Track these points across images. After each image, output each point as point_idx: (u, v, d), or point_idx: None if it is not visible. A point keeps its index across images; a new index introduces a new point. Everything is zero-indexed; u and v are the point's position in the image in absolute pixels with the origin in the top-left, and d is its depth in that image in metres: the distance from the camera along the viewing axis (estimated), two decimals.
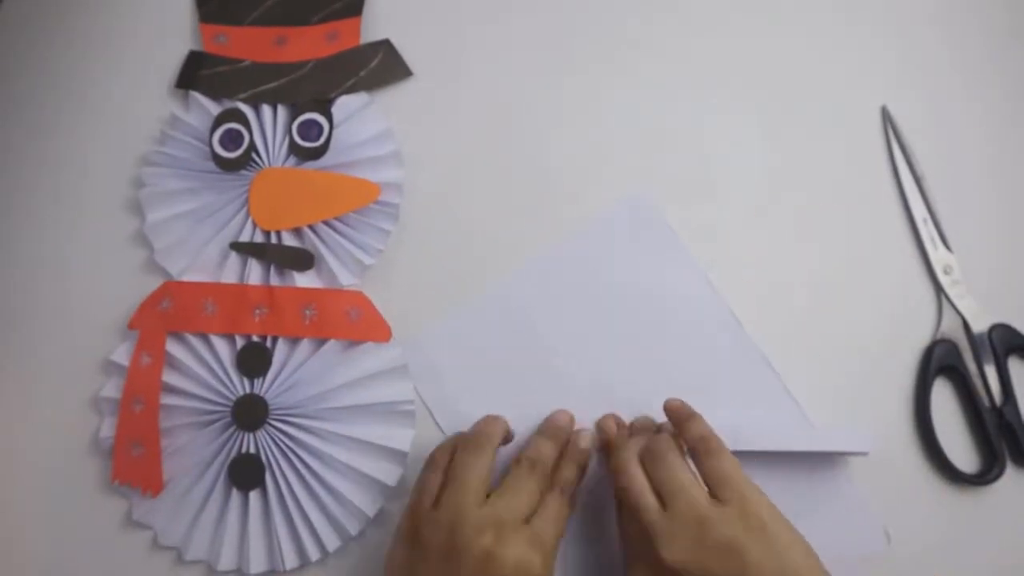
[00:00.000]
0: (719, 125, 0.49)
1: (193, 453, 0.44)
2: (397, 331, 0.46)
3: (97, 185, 0.49)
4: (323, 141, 0.48)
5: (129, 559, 0.44)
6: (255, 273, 0.46)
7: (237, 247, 0.47)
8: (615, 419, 0.44)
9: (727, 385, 0.45)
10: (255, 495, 0.44)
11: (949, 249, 0.47)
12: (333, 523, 0.43)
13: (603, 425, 0.44)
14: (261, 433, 0.44)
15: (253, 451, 0.44)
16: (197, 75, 0.50)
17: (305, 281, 0.46)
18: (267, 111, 0.49)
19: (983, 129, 0.49)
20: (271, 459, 0.44)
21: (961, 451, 0.45)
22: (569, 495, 0.41)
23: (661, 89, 0.50)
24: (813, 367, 0.44)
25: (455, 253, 0.48)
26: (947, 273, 0.46)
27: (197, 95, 0.49)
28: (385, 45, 0.51)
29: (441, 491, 0.38)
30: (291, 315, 0.45)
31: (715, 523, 0.36)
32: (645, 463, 0.39)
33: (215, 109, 0.49)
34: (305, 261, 0.47)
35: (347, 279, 0.46)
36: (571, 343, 0.46)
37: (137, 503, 0.44)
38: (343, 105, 0.49)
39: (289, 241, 0.47)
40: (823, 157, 0.49)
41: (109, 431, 0.45)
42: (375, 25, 0.51)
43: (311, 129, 0.48)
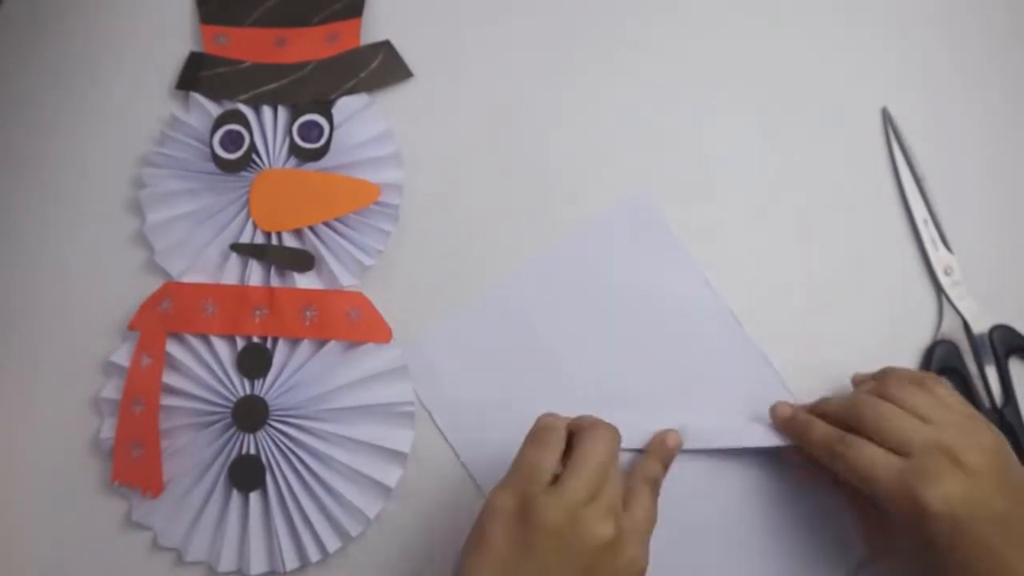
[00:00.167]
0: (719, 126, 0.49)
1: (193, 454, 0.44)
2: (397, 332, 0.46)
3: (97, 185, 0.49)
4: (323, 142, 0.48)
5: (129, 560, 0.44)
6: (255, 274, 0.46)
7: (237, 248, 0.47)
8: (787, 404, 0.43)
9: (727, 385, 0.45)
10: (255, 496, 0.44)
11: (950, 250, 0.47)
12: (333, 524, 0.43)
13: (778, 411, 0.43)
14: (261, 434, 0.44)
15: (253, 452, 0.44)
16: (197, 76, 0.50)
17: (305, 282, 0.46)
18: (267, 112, 0.49)
19: (983, 130, 0.49)
20: (271, 460, 0.44)
21: None
22: (657, 495, 0.41)
23: (661, 90, 0.50)
24: (813, 368, 0.44)
25: (455, 253, 0.48)
26: (948, 274, 0.46)
27: (197, 96, 0.49)
28: (385, 46, 0.51)
29: (564, 475, 0.38)
30: (291, 316, 0.45)
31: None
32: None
33: (215, 110, 0.49)
34: (305, 262, 0.47)
35: (347, 280, 0.46)
36: (571, 344, 0.46)
37: (137, 504, 0.44)
38: (343, 106, 0.49)
39: (289, 242, 0.47)
40: (823, 158, 0.49)
41: (109, 432, 0.45)
42: (375, 26, 0.51)
43: (311, 130, 0.48)
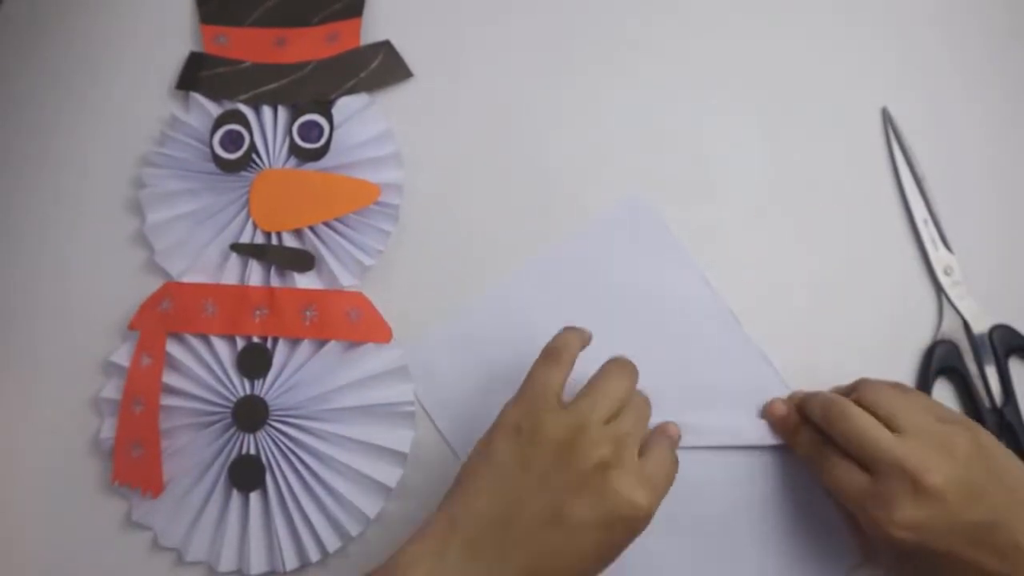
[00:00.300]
0: (719, 126, 0.49)
1: (193, 454, 0.44)
2: (397, 332, 0.46)
3: (97, 185, 0.49)
4: (323, 142, 0.48)
5: (129, 560, 0.44)
6: (255, 274, 0.46)
7: (237, 248, 0.47)
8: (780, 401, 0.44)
9: (727, 385, 0.45)
10: (255, 496, 0.44)
11: (950, 250, 0.47)
12: (333, 524, 0.43)
13: (772, 408, 0.43)
14: (261, 434, 0.44)
15: (253, 452, 0.44)
16: (197, 76, 0.50)
17: (305, 282, 0.46)
18: (267, 112, 0.49)
19: (983, 130, 0.49)
20: (271, 460, 0.44)
21: None
22: (676, 456, 0.40)
23: (661, 90, 0.50)
24: (813, 368, 0.44)
25: (455, 254, 0.48)
26: (948, 274, 0.46)
27: (197, 96, 0.49)
28: (385, 46, 0.51)
29: (576, 397, 0.39)
30: (291, 316, 0.45)
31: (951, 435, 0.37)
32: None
33: (215, 110, 0.49)
34: (305, 262, 0.47)
35: (347, 280, 0.46)
36: None
37: (137, 504, 0.44)
38: (343, 106, 0.49)
39: (289, 242, 0.47)
40: (823, 158, 0.49)
41: (109, 432, 0.45)
42: (375, 26, 0.51)
43: (311, 130, 0.48)
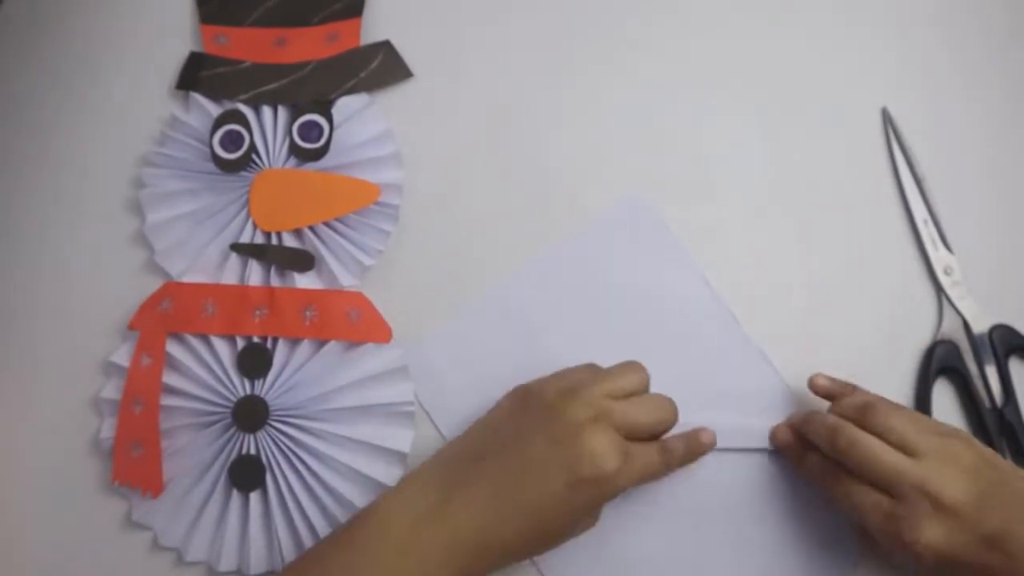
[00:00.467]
0: (719, 126, 0.49)
1: (193, 454, 0.44)
2: (397, 332, 0.46)
3: (97, 185, 0.49)
4: (323, 142, 0.48)
5: (129, 560, 0.44)
6: (255, 274, 0.46)
7: (237, 248, 0.47)
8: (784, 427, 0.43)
9: (727, 385, 0.45)
10: (255, 496, 0.44)
11: (950, 250, 0.47)
12: (333, 524, 0.43)
13: (776, 435, 0.43)
14: (261, 434, 0.44)
15: (253, 452, 0.44)
16: (197, 76, 0.50)
17: (305, 282, 0.46)
18: (267, 112, 0.49)
19: (983, 130, 0.49)
20: (271, 460, 0.44)
21: None
22: (667, 461, 0.40)
23: (661, 90, 0.50)
24: (813, 367, 0.44)
25: (455, 254, 0.48)
26: (948, 274, 0.46)
27: (197, 96, 0.49)
28: (385, 46, 0.51)
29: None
30: (291, 316, 0.45)
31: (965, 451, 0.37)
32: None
33: (215, 110, 0.49)
34: (305, 262, 0.47)
35: (347, 280, 0.46)
36: (570, 344, 0.46)
37: (137, 504, 0.44)
38: (343, 106, 0.49)
39: (289, 242, 0.47)
40: (823, 158, 0.49)
41: (109, 432, 0.45)
42: (375, 26, 0.51)
43: (311, 130, 0.48)
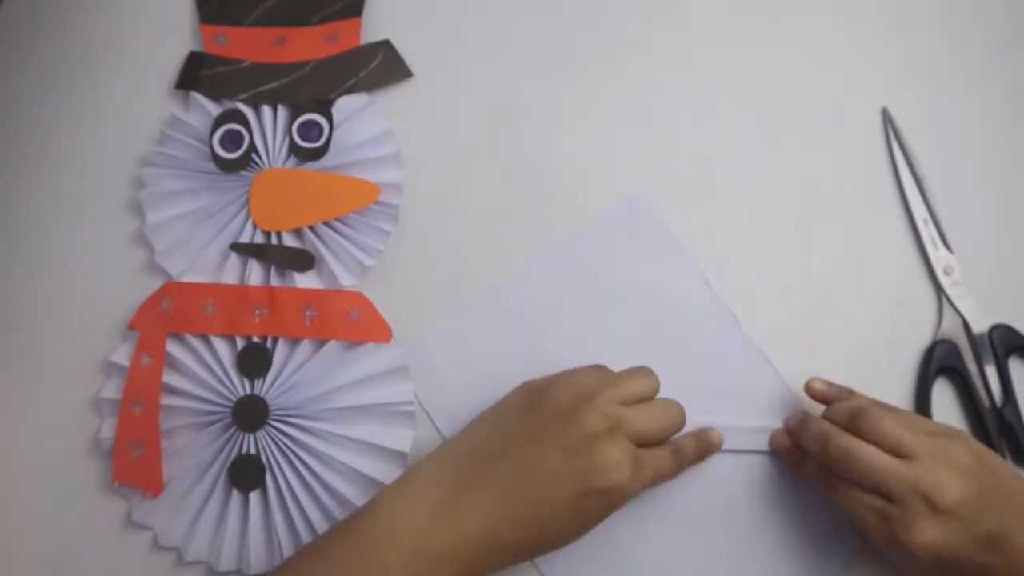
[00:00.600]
0: (719, 126, 0.49)
1: (193, 454, 0.44)
2: (397, 332, 0.46)
3: (97, 185, 0.49)
4: (323, 142, 0.48)
5: (129, 560, 0.44)
6: (255, 274, 0.46)
7: (237, 248, 0.47)
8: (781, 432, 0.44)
9: (727, 385, 0.45)
10: (255, 496, 0.44)
11: (949, 250, 0.47)
12: (333, 523, 0.43)
13: (775, 441, 0.43)
14: (261, 434, 0.44)
15: (253, 452, 0.44)
16: (197, 76, 0.50)
17: (305, 282, 0.46)
18: (267, 112, 0.49)
19: (983, 130, 0.49)
20: (271, 460, 0.44)
21: None
22: (678, 463, 0.41)
23: (661, 90, 0.50)
24: (813, 368, 0.44)
25: (455, 253, 0.48)
26: (947, 274, 0.46)
27: (197, 96, 0.49)
28: (385, 46, 0.51)
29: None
30: (291, 316, 0.45)
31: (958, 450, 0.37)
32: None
33: (215, 110, 0.49)
34: (305, 262, 0.47)
35: (347, 280, 0.46)
36: (570, 344, 0.46)
37: (137, 504, 0.44)
38: (343, 106, 0.49)
39: (289, 242, 0.47)
40: (823, 158, 0.49)
41: (109, 432, 0.45)
42: (375, 26, 0.51)
43: (311, 130, 0.48)
